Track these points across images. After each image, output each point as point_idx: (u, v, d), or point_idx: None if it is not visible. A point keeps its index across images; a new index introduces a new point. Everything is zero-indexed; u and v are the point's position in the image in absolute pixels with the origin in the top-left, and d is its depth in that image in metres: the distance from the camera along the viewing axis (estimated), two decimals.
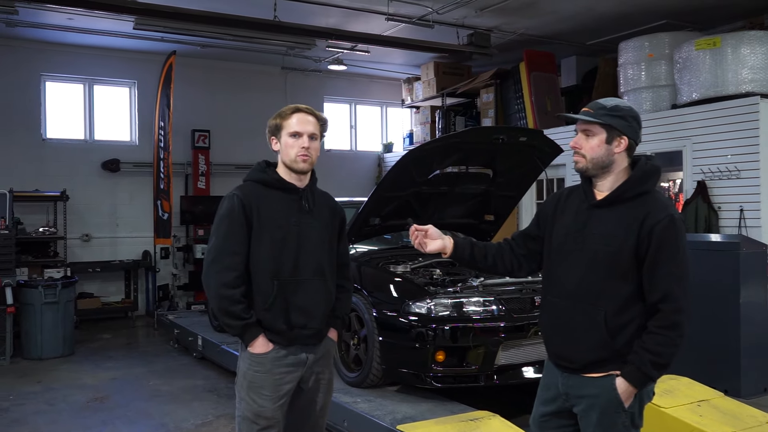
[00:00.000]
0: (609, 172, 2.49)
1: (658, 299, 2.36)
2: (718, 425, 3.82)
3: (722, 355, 5.57)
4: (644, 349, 2.35)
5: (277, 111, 2.94)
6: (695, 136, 7.20)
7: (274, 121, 2.90)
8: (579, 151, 2.51)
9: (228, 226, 2.78)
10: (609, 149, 2.46)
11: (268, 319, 2.79)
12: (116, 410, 5.59)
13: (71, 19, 8.49)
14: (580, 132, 2.51)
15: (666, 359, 2.35)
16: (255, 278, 2.80)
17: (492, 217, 5.90)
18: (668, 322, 2.34)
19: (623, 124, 2.45)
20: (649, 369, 2.35)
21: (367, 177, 12.29)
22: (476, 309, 4.54)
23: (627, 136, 2.46)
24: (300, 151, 2.83)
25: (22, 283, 7.58)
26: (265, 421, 2.81)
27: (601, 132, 2.46)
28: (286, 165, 2.88)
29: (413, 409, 4.33)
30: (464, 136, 5.11)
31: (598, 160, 2.47)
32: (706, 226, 6.87)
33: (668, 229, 2.36)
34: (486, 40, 9.13)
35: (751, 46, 6.96)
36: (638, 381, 2.38)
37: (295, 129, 2.84)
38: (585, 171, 2.52)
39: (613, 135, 2.45)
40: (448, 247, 2.72)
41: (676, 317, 2.34)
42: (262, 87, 11.21)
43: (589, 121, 2.48)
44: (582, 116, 2.50)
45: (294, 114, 2.87)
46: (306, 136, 2.84)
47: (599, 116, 2.46)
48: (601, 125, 2.46)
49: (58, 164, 9.75)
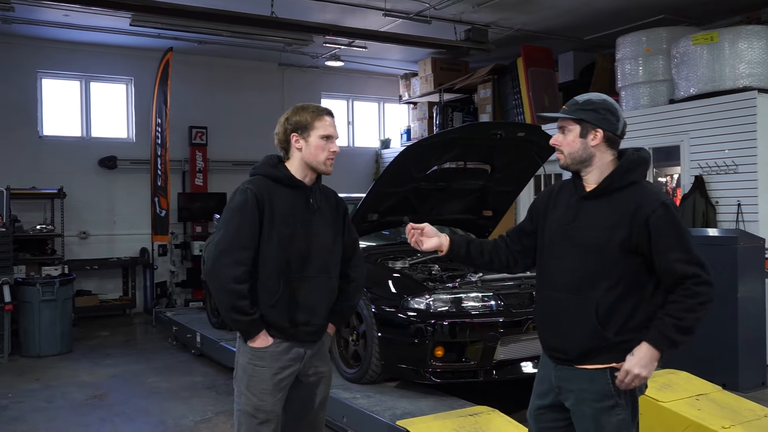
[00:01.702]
0: (590, 165, 2.51)
1: (676, 281, 2.38)
2: (716, 419, 3.84)
3: (720, 349, 5.58)
4: (667, 314, 2.38)
5: (296, 106, 2.89)
6: (693, 131, 7.20)
7: (300, 117, 2.83)
8: (559, 148, 2.56)
9: (240, 219, 2.74)
10: (585, 143, 2.49)
11: (272, 315, 2.79)
12: (115, 407, 5.59)
13: (68, 15, 8.47)
14: (558, 129, 2.57)
15: (688, 323, 2.36)
16: (261, 275, 2.78)
17: (490, 212, 5.91)
18: (689, 291, 2.37)
19: (596, 117, 2.48)
20: (672, 333, 2.36)
21: (364, 173, 12.29)
22: (475, 304, 4.55)
23: (602, 128, 2.48)
24: (330, 155, 2.86)
25: (19, 280, 7.57)
26: (264, 415, 2.81)
27: (575, 127, 2.51)
28: (309, 165, 2.85)
29: (412, 405, 4.34)
30: (462, 131, 5.12)
31: (576, 154, 2.51)
32: (704, 220, 6.88)
33: (664, 217, 2.39)
34: (483, 36, 9.12)
35: (748, 40, 6.96)
36: (660, 342, 2.38)
37: (328, 132, 2.85)
38: (566, 167, 2.57)
39: (587, 128, 2.49)
40: (444, 244, 2.72)
41: (697, 288, 2.37)
42: (260, 83, 11.20)
43: (562, 117, 2.53)
44: (554, 114, 2.57)
45: (326, 116, 2.86)
46: (335, 140, 2.88)
47: (571, 111, 2.52)
48: (574, 120, 2.50)
49: (55, 161, 9.74)
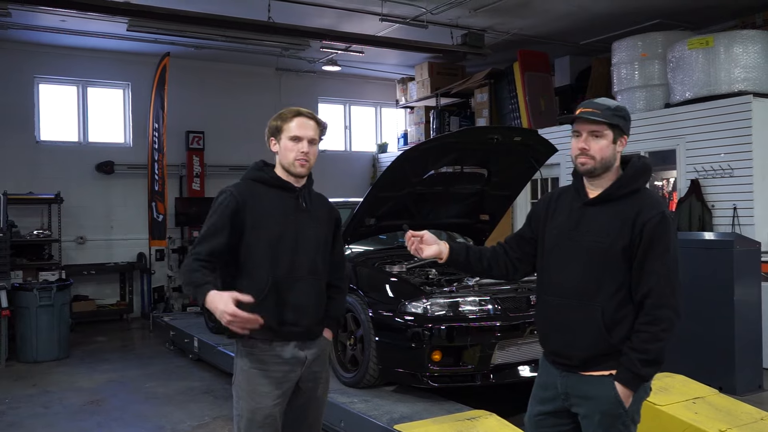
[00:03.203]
0: (610, 171, 2.51)
1: (643, 295, 2.39)
2: (713, 422, 3.84)
3: (717, 352, 5.59)
4: (631, 348, 2.38)
5: (278, 112, 2.94)
6: (688, 135, 7.23)
7: (275, 122, 2.91)
8: (587, 153, 2.48)
9: (214, 218, 2.80)
10: (614, 149, 2.49)
11: (260, 314, 2.78)
12: (112, 413, 5.58)
13: (64, 21, 8.47)
14: (587, 133, 2.48)
15: (654, 356, 2.36)
16: (250, 274, 2.80)
17: (487, 216, 5.92)
18: (650, 317, 2.37)
19: (626, 125, 2.51)
20: (639, 368, 2.37)
21: (361, 177, 12.29)
22: (472, 308, 4.55)
23: (627, 136, 2.51)
24: (299, 156, 2.85)
25: (16, 286, 7.55)
26: (262, 419, 2.81)
27: (609, 133, 2.47)
28: (284, 167, 2.90)
29: (410, 409, 4.33)
30: (459, 136, 5.12)
31: (607, 160, 2.48)
32: (700, 224, 6.91)
33: (659, 226, 2.39)
34: (480, 41, 9.15)
35: (743, 45, 7.00)
36: (631, 382, 2.40)
37: (295, 133, 2.85)
38: (593, 172, 2.49)
39: (617, 135, 2.48)
40: (443, 252, 2.72)
41: (658, 312, 2.36)
42: (257, 88, 11.21)
43: (598, 121, 2.46)
44: (594, 117, 2.46)
45: (295, 118, 2.87)
46: (306, 141, 2.86)
47: (607, 117, 2.46)
48: (609, 126, 2.47)
49: (53, 166, 9.73)
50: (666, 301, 2.37)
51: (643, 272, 2.39)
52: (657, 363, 2.39)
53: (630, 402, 2.42)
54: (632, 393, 2.42)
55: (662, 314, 2.36)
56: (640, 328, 2.38)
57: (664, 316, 2.36)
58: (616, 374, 2.41)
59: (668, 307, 2.37)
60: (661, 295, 2.37)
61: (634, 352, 2.37)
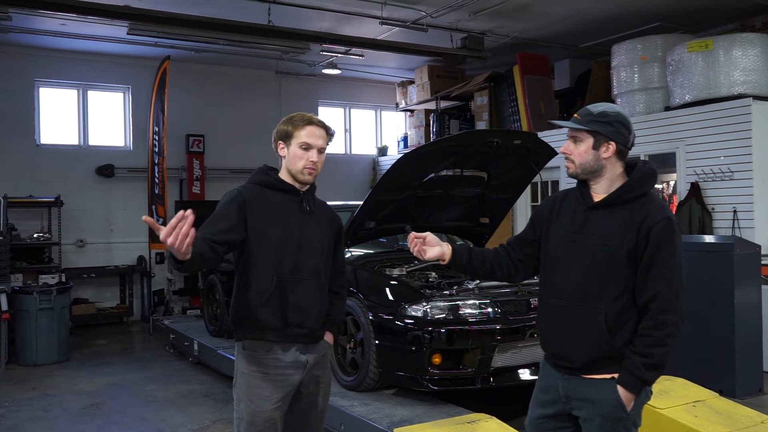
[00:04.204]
0: (600, 176, 2.52)
1: (648, 299, 2.39)
2: (713, 426, 3.84)
3: (717, 355, 5.59)
4: (635, 352, 2.38)
5: (288, 116, 2.94)
6: (688, 138, 7.24)
7: (285, 127, 2.90)
8: (569, 157, 2.55)
9: (222, 208, 2.79)
10: (597, 155, 2.49)
11: (264, 314, 2.79)
12: (112, 416, 5.58)
13: (65, 24, 8.49)
14: (569, 138, 2.55)
15: (657, 360, 2.37)
16: (254, 275, 2.81)
17: (487, 219, 5.92)
18: (655, 322, 2.37)
19: (610, 130, 2.48)
20: (642, 372, 2.37)
21: (361, 180, 12.30)
22: (472, 311, 4.55)
23: (614, 142, 2.48)
24: (308, 164, 2.86)
25: (16, 289, 7.56)
26: (262, 423, 2.80)
27: (588, 138, 2.49)
28: (290, 173, 2.90)
29: (410, 412, 4.33)
30: (459, 139, 5.13)
31: (587, 165, 2.51)
32: (700, 227, 6.91)
33: (665, 231, 2.39)
34: (479, 44, 9.17)
35: (742, 48, 7.01)
36: (633, 385, 2.40)
37: (306, 141, 2.85)
38: (575, 176, 2.57)
39: (600, 141, 2.48)
40: (446, 253, 2.72)
41: (663, 317, 2.37)
42: (257, 91, 11.22)
43: (575, 128, 2.52)
44: (568, 123, 2.54)
45: (307, 126, 2.87)
46: (315, 150, 2.87)
47: (585, 123, 2.50)
48: (588, 132, 2.49)
49: (53, 170, 9.74)
50: (671, 306, 2.37)
51: (648, 276, 2.39)
52: (660, 367, 2.39)
53: (632, 406, 2.43)
54: (634, 396, 2.42)
55: (667, 319, 2.37)
56: (645, 332, 2.38)
57: (669, 320, 2.37)
58: (618, 377, 2.42)
59: (673, 311, 2.37)
60: (666, 299, 2.37)
61: (637, 356, 2.37)
